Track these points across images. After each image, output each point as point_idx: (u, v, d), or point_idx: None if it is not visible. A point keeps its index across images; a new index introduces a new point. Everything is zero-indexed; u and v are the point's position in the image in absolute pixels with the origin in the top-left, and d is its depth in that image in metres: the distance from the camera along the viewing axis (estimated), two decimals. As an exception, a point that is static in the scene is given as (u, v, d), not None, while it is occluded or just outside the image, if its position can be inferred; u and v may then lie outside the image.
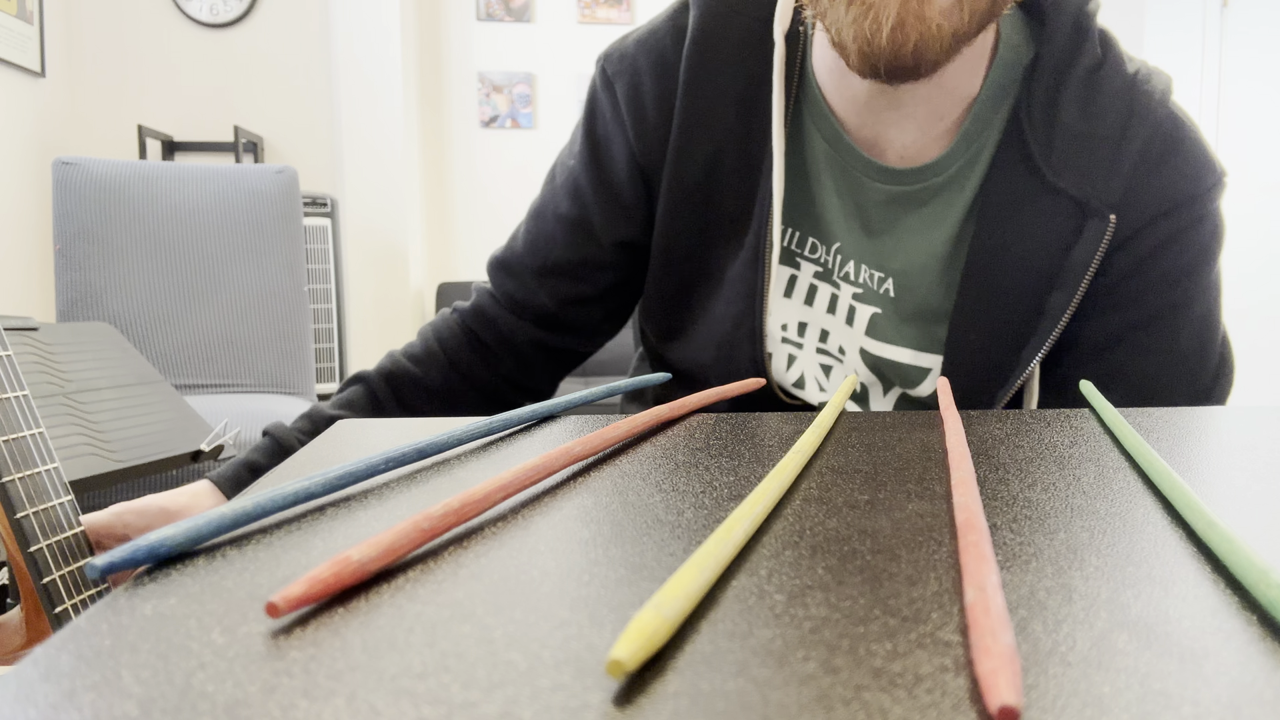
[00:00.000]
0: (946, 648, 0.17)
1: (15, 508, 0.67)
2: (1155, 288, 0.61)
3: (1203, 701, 0.15)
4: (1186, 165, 0.60)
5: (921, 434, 0.40)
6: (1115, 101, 0.59)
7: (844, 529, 0.25)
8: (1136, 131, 0.59)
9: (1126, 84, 0.60)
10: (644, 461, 0.35)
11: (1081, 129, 0.59)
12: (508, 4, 3.61)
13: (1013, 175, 0.60)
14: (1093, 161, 0.59)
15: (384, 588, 0.21)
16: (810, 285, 0.66)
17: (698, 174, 0.65)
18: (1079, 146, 0.59)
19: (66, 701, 0.15)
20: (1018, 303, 0.61)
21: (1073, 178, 0.59)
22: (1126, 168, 0.59)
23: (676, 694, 0.15)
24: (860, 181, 0.63)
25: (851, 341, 0.66)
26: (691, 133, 0.65)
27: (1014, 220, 0.60)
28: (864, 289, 0.65)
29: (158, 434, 1.07)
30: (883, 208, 0.63)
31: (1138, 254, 0.60)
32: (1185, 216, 0.60)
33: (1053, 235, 0.60)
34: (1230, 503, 0.28)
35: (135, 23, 3.26)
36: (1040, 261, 0.60)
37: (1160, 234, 0.60)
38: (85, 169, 1.86)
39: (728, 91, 0.64)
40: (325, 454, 0.37)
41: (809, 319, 0.67)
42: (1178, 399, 0.62)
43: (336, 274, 3.13)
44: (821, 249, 0.65)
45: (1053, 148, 0.59)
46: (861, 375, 0.67)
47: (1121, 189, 0.59)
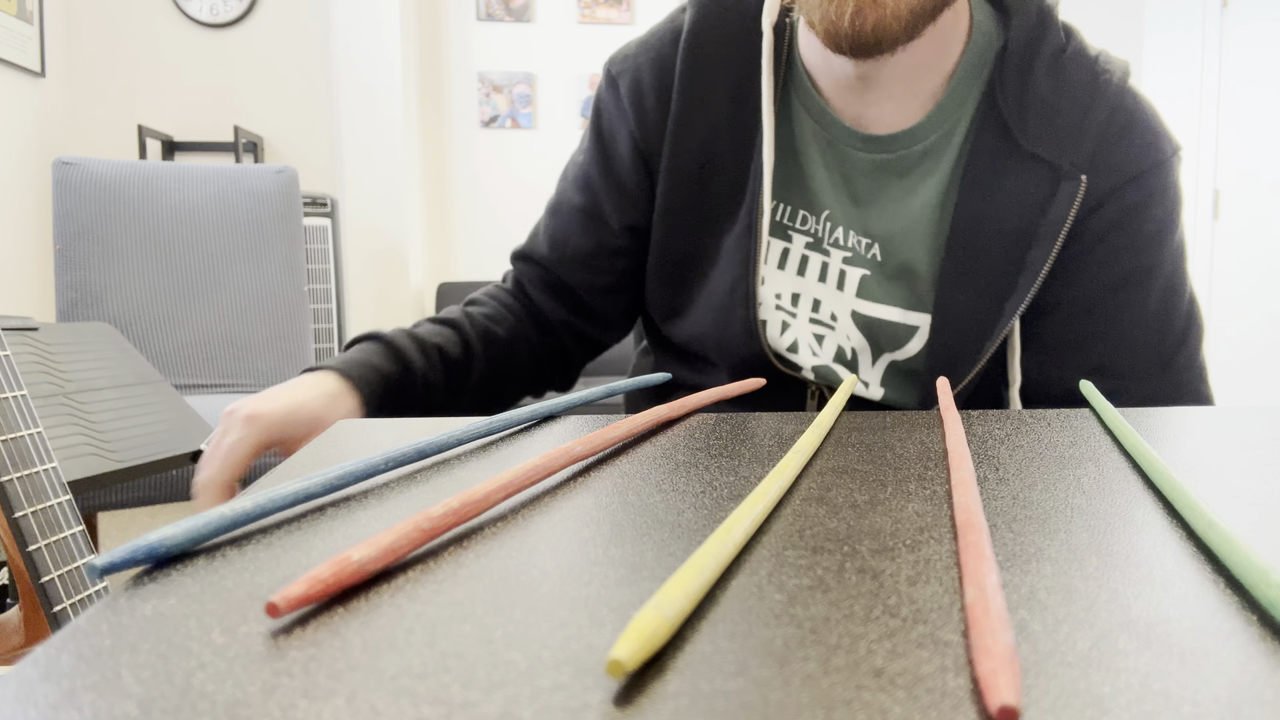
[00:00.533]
0: (946, 648, 0.17)
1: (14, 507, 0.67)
2: (1127, 250, 0.66)
3: (1203, 701, 0.15)
4: (1148, 135, 0.66)
5: (921, 434, 0.40)
6: (1080, 77, 0.65)
7: (844, 529, 0.25)
8: (1100, 104, 0.65)
9: (1089, 64, 0.66)
10: (644, 461, 0.35)
11: (1051, 101, 0.65)
12: (508, 4, 3.61)
13: (990, 144, 0.65)
14: (1063, 129, 0.65)
15: (384, 588, 0.21)
16: (802, 256, 0.71)
17: (693, 157, 0.71)
18: (1049, 116, 0.65)
19: (66, 701, 0.15)
20: (999, 261, 0.66)
21: (1045, 144, 0.64)
22: (1093, 135, 0.65)
23: (676, 694, 0.15)
24: (846, 153, 0.69)
25: (843, 306, 0.70)
26: (687, 118, 0.71)
27: (993, 185, 0.65)
28: (853, 253, 0.69)
29: (158, 434, 1.07)
30: (868, 177, 0.69)
31: (1109, 217, 0.66)
32: (1150, 183, 0.66)
33: (1029, 197, 0.65)
34: (1230, 503, 0.28)
35: (135, 23, 3.26)
36: (1019, 222, 0.65)
37: (1129, 199, 0.65)
38: (85, 169, 1.86)
39: (720, 81, 0.70)
40: (325, 454, 0.37)
41: (801, 289, 0.71)
42: (1149, 354, 0.67)
43: (336, 274, 3.13)
44: (811, 219, 0.71)
45: (1026, 118, 0.65)
46: (853, 340, 0.71)
47: (1090, 153, 0.65)
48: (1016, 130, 0.64)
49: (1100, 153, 0.65)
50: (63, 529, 0.70)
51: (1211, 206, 3.46)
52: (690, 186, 0.71)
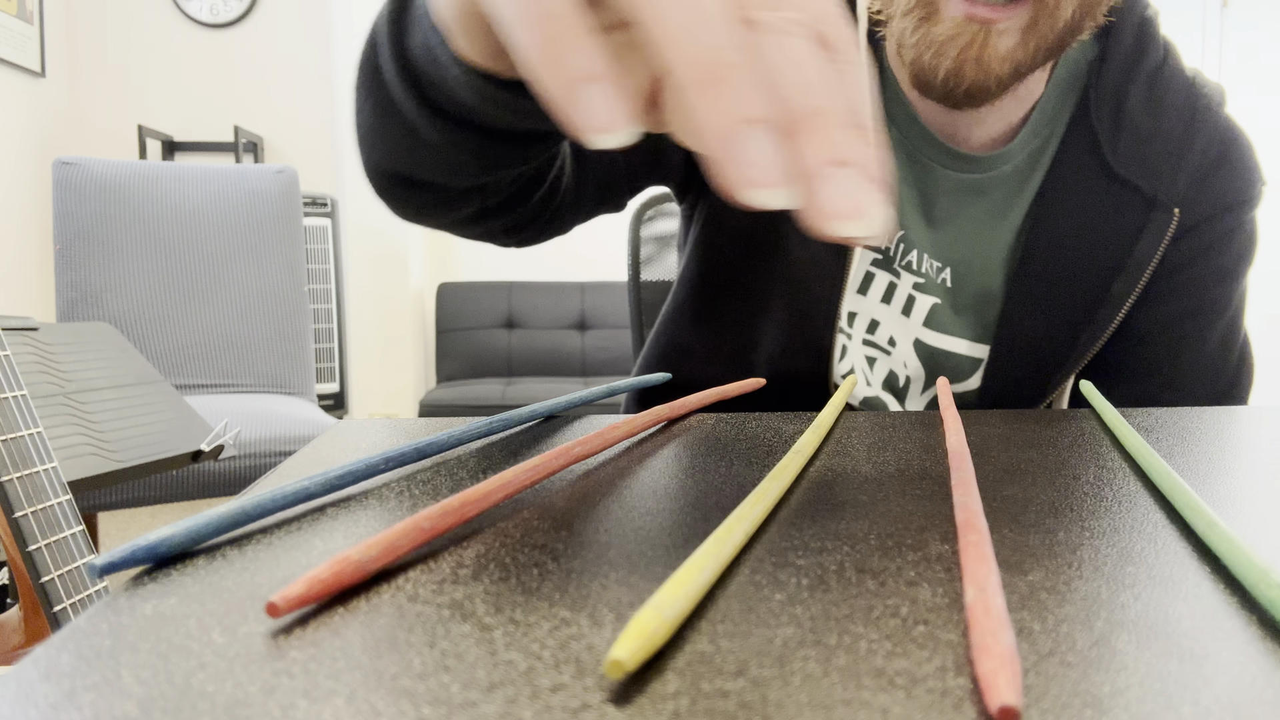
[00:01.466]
0: (946, 648, 0.17)
1: (13, 507, 0.67)
2: (1198, 284, 0.63)
3: (1203, 701, 0.15)
4: (1242, 169, 0.63)
5: (921, 434, 0.40)
6: (1179, 100, 0.61)
7: (844, 529, 0.25)
8: (1200, 131, 0.61)
9: (1188, 86, 0.62)
10: (644, 461, 0.35)
11: (1148, 124, 0.61)
12: (508, 4, 3.61)
13: (1079, 165, 0.61)
14: (1159, 156, 0.61)
15: (384, 588, 0.21)
16: (866, 273, 0.66)
17: None
18: (1144, 140, 0.61)
19: (66, 701, 0.15)
20: (1076, 291, 0.62)
21: (1139, 170, 0.60)
22: (1191, 165, 0.61)
23: (676, 694, 0.15)
24: (929, 168, 0.64)
25: (906, 332, 0.66)
26: None
27: (1078, 209, 0.62)
28: (925, 279, 0.65)
29: (158, 434, 1.07)
30: (948, 196, 0.64)
31: (1187, 251, 0.63)
32: (1233, 220, 0.63)
33: (1117, 224, 0.61)
34: (1230, 503, 0.28)
35: (135, 23, 3.26)
36: (1102, 251, 0.61)
37: (1211, 234, 0.62)
38: (85, 169, 1.86)
39: None
40: (325, 454, 0.37)
41: (859, 308, 0.66)
42: (1201, 393, 0.64)
43: (336, 274, 3.13)
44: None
45: (1119, 140, 0.61)
46: (909, 368, 0.66)
47: (1186, 184, 0.61)
48: (1108, 150, 0.61)
49: (1194, 183, 0.61)
50: (63, 529, 0.70)
51: (1211, 206, 3.46)
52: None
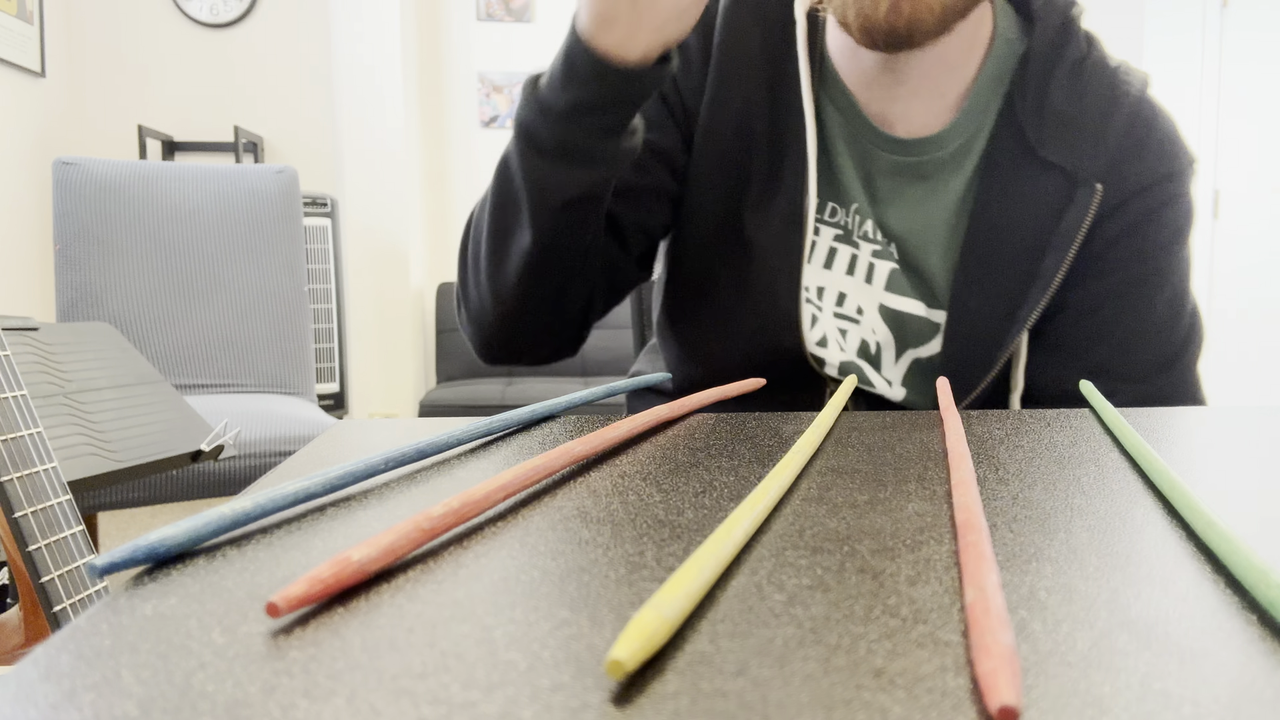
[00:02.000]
0: (946, 648, 0.17)
1: (13, 507, 0.67)
2: (1137, 256, 0.67)
3: (1203, 701, 0.15)
4: (1164, 146, 0.67)
5: (921, 434, 0.40)
6: (1099, 88, 0.66)
7: (844, 529, 0.25)
8: (1118, 114, 0.66)
9: (1109, 74, 0.67)
10: (644, 461, 0.35)
11: (1069, 111, 0.65)
12: (508, 4, 3.61)
13: (1008, 150, 0.66)
14: (1079, 139, 0.65)
15: (384, 588, 0.21)
16: (830, 249, 0.70)
17: (730, 127, 0.69)
18: (1066, 125, 0.65)
19: (66, 701, 0.15)
20: (1013, 268, 0.66)
21: (1062, 152, 0.65)
22: (1110, 144, 0.65)
23: (676, 694, 0.15)
24: (869, 151, 0.69)
25: (870, 299, 0.70)
26: (724, 85, 0.69)
27: (1010, 192, 0.66)
28: (880, 247, 0.69)
29: (158, 434, 1.07)
30: (888, 178, 0.69)
31: (1122, 225, 0.66)
32: (1163, 193, 0.66)
33: (1045, 204, 0.66)
34: (1230, 503, 0.28)
35: (135, 23, 3.26)
36: (1034, 229, 0.66)
37: (1142, 207, 0.66)
38: (85, 169, 1.86)
39: (756, 58, 0.69)
40: (325, 454, 0.37)
41: (827, 283, 0.70)
42: (1150, 359, 0.68)
43: (336, 274, 3.13)
44: (841, 211, 0.70)
45: (1044, 127, 0.65)
46: (878, 334, 0.70)
47: (1106, 162, 0.65)
48: (1034, 138, 0.65)
49: (1117, 160, 0.65)
50: (63, 529, 0.70)
51: (1211, 206, 3.46)
52: (724, 156, 0.69)
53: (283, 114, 3.36)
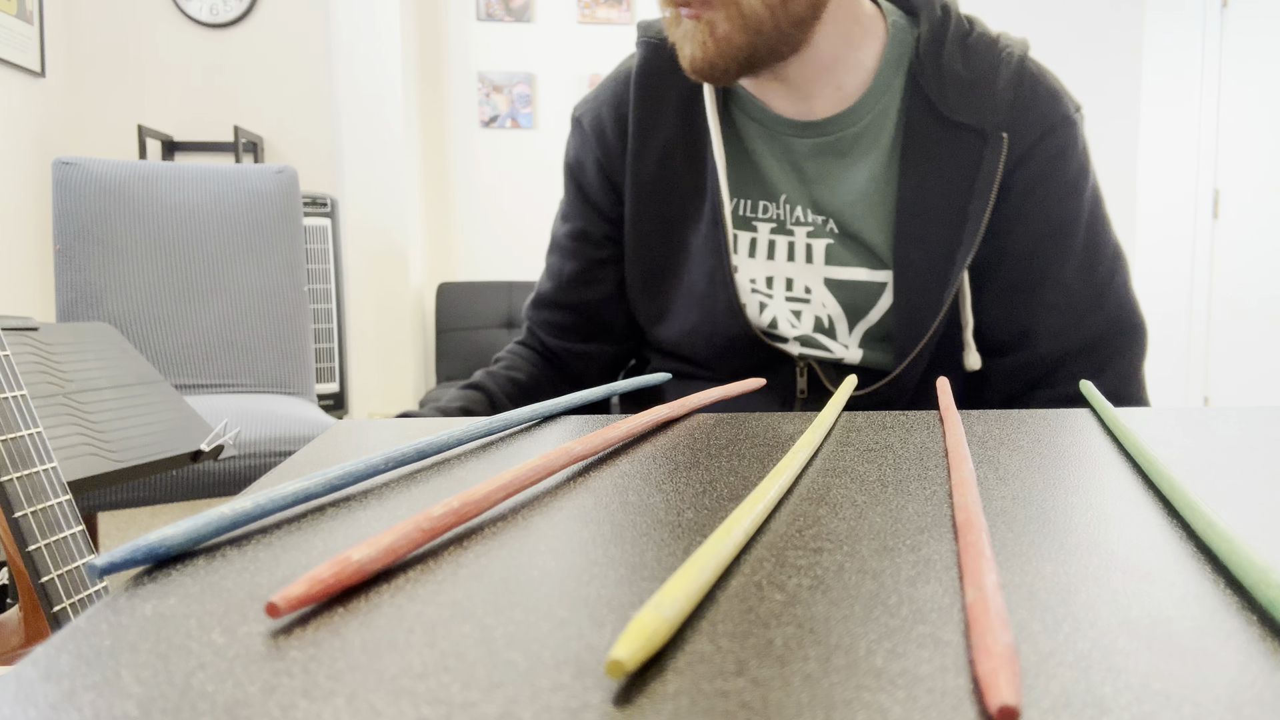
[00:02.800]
0: (946, 648, 0.17)
1: (13, 507, 0.67)
2: (1053, 199, 0.75)
3: (1203, 701, 0.15)
4: (1054, 94, 0.76)
5: (921, 434, 0.40)
6: (985, 54, 0.75)
7: (844, 529, 0.25)
8: (1006, 73, 0.74)
9: (992, 44, 0.76)
10: (644, 461, 0.35)
11: (965, 75, 0.74)
12: (508, 4, 3.61)
13: (921, 119, 0.75)
14: (979, 98, 0.74)
15: (384, 588, 0.21)
16: (769, 242, 0.79)
17: (652, 170, 0.80)
18: (965, 88, 0.74)
19: (66, 701, 0.15)
20: (945, 220, 0.75)
21: (967, 112, 0.74)
22: (1006, 99, 0.74)
23: (676, 694, 0.15)
24: (788, 142, 0.78)
25: (814, 276, 0.78)
26: (643, 138, 0.80)
27: (929, 154, 0.75)
28: (814, 227, 0.78)
29: (158, 434, 1.07)
30: (812, 160, 0.77)
31: (1034, 171, 0.75)
32: (1062, 137, 0.75)
33: (963, 159, 0.74)
34: (1230, 503, 0.28)
35: (135, 23, 3.26)
36: (957, 183, 0.75)
37: (1047, 152, 0.75)
38: (85, 169, 1.86)
39: (669, 104, 0.80)
40: (325, 454, 0.37)
41: (774, 272, 0.79)
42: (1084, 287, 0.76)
43: (336, 274, 3.13)
44: (772, 206, 0.79)
45: (945, 92, 0.74)
46: (828, 308, 0.79)
47: (1006, 114, 0.74)
48: (939, 104, 0.74)
49: (1015, 113, 0.74)
50: (63, 529, 0.70)
51: (1211, 206, 3.46)
52: (653, 199, 0.80)
53: (283, 114, 3.36)
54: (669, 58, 0.80)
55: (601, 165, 0.83)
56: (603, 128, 0.83)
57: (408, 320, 3.39)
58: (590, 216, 0.85)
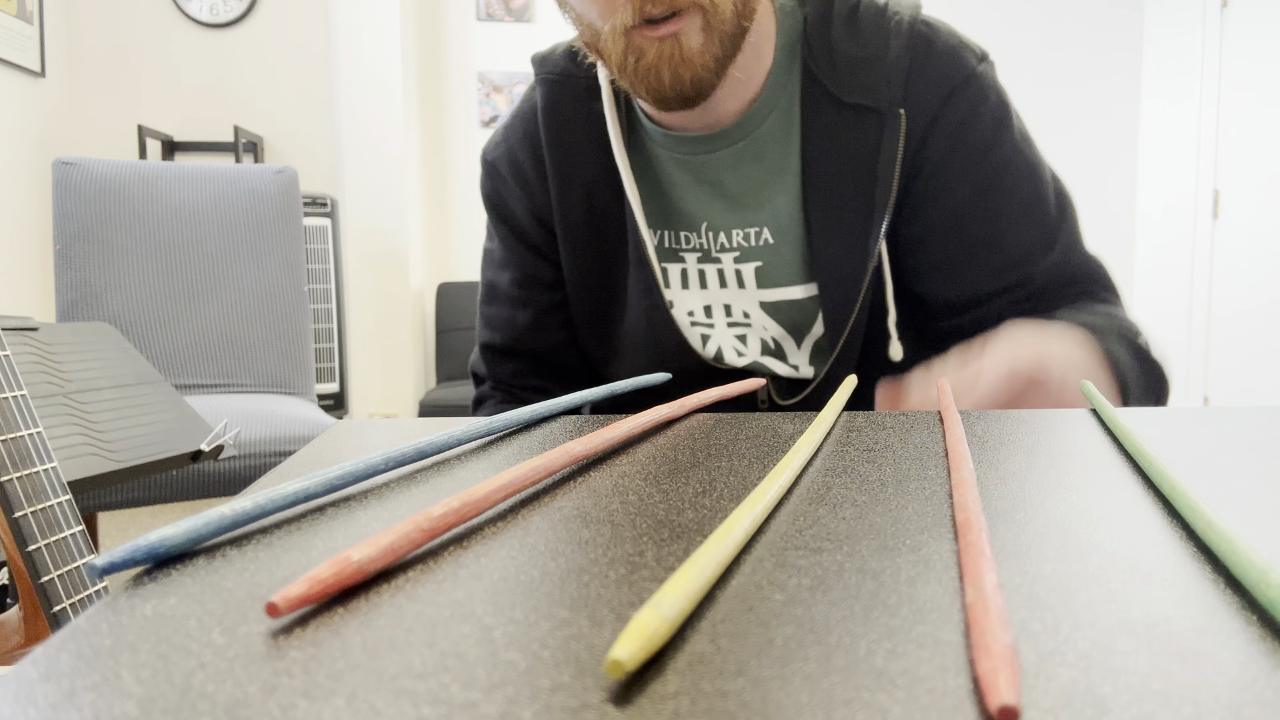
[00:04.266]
0: (946, 648, 0.17)
1: (13, 507, 0.67)
2: (972, 163, 0.70)
3: (1203, 701, 0.15)
4: (949, 53, 0.70)
5: (921, 434, 0.40)
6: (873, 26, 0.71)
7: (844, 529, 0.25)
8: (895, 41, 0.70)
9: (879, 12, 0.72)
10: (644, 461, 0.35)
11: (854, 53, 0.70)
12: (508, 4, 3.61)
13: (817, 106, 0.71)
14: (871, 75, 0.70)
15: (384, 588, 0.21)
16: (699, 271, 0.77)
17: (579, 213, 0.77)
18: (857, 68, 0.70)
19: (66, 701, 0.15)
20: (854, 208, 0.71)
21: (860, 92, 0.70)
22: (899, 72, 0.69)
23: (676, 694, 0.15)
24: (704, 161, 0.74)
25: (750, 301, 0.76)
26: (563, 181, 0.77)
27: (831, 142, 0.71)
28: (741, 250, 0.75)
29: (158, 434, 1.07)
30: (732, 172, 0.74)
31: (941, 144, 0.70)
32: (966, 96, 0.70)
33: (864, 143, 0.70)
34: (1230, 503, 0.28)
35: (135, 23, 3.26)
36: (861, 168, 0.70)
37: (951, 120, 0.70)
38: (85, 169, 1.86)
39: (582, 140, 0.76)
40: (325, 454, 0.37)
41: (710, 300, 0.77)
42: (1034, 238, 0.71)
43: (336, 274, 3.13)
44: (694, 236, 0.76)
45: (838, 75, 0.70)
46: (770, 330, 0.76)
47: (900, 89, 0.69)
48: (833, 88, 0.70)
49: (909, 85, 0.69)
50: (63, 529, 0.70)
51: (1211, 206, 3.46)
52: (583, 240, 0.77)
53: (283, 114, 3.36)
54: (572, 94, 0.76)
55: (530, 209, 0.80)
56: (522, 170, 0.79)
57: (408, 320, 3.39)
58: (534, 261, 0.81)
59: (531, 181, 0.79)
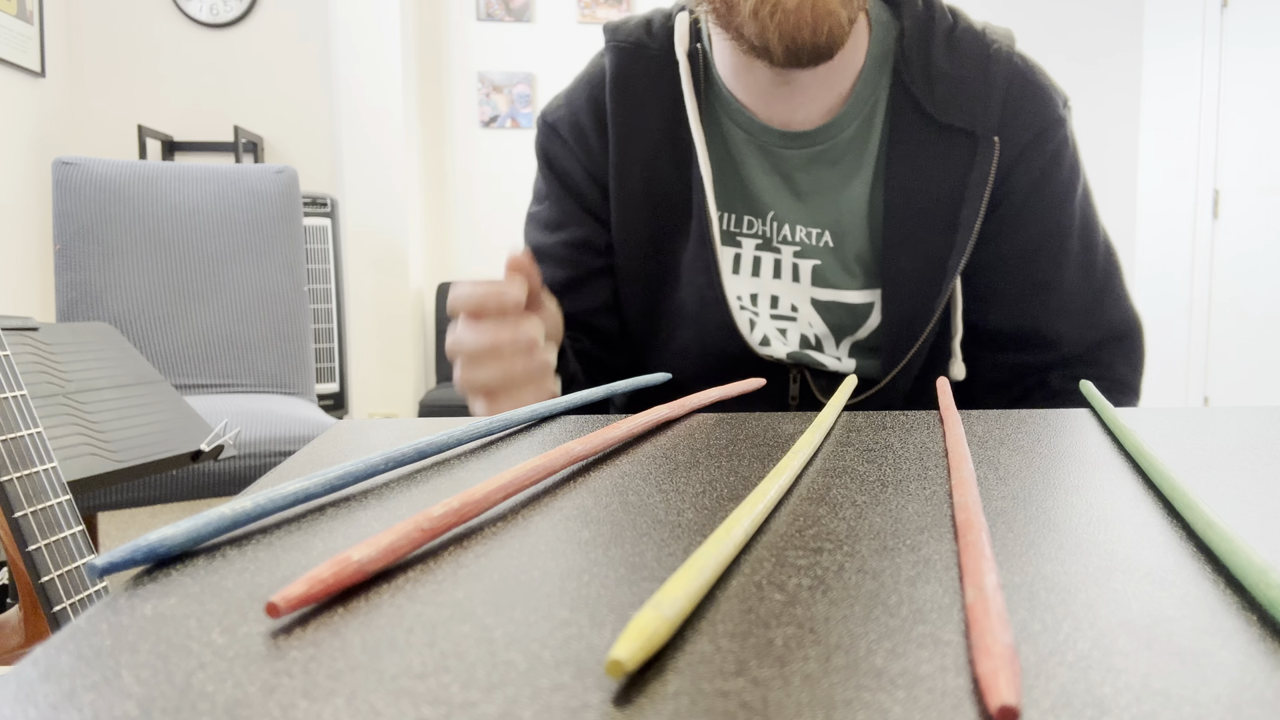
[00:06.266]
0: (946, 648, 0.17)
1: (13, 507, 0.67)
2: (1048, 205, 0.73)
3: (1203, 701, 0.15)
4: (1044, 92, 0.73)
5: (921, 434, 0.40)
6: (974, 49, 0.72)
7: (844, 529, 0.25)
8: (997, 71, 0.71)
9: (979, 37, 0.73)
10: (644, 461, 0.35)
11: (953, 73, 0.71)
12: (508, 4, 3.61)
13: (907, 121, 0.72)
14: (968, 98, 0.71)
15: (384, 588, 0.21)
16: (754, 258, 0.76)
17: (638, 184, 0.76)
18: (954, 88, 0.71)
19: (66, 701, 0.15)
20: (935, 226, 0.72)
21: (956, 114, 0.71)
22: (997, 100, 0.71)
23: (676, 694, 0.15)
24: (780, 154, 0.74)
25: (801, 296, 0.76)
26: (626, 150, 0.76)
27: (917, 157, 0.72)
28: (802, 246, 0.75)
29: (158, 434, 1.07)
30: (805, 172, 0.74)
31: (1028, 179, 0.73)
32: (1054, 138, 0.73)
33: (952, 163, 0.71)
34: (1230, 503, 0.28)
35: (135, 23, 3.26)
36: (946, 188, 0.72)
37: (1041, 158, 0.73)
38: (85, 169, 1.86)
39: (650, 113, 0.75)
40: (325, 454, 0.37)
41: (759, 289, 0.77)
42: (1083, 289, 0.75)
43: (336, 274, 3.13)
44: (758, 222, 0.76)
45: (934, 93, 0.71)
46: (815, 327, 0.77)
47: (998, 116, 0.71)
48: (927, 105, 0.70)
49: (1006, 115, 0.71)
50: (63, 529, 0.70)
51: (1211, 206, 3.46)
52: (639, 212, 0.76)
53: (283, 114, 3.36)
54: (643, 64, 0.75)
55: (588, 172, 0.79)
56: (583, 132, 0.78)
57: (408, 320, 3.39)
58: (590, 224, 0.79)
59: (593, 145, 0.78)
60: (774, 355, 0.76)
